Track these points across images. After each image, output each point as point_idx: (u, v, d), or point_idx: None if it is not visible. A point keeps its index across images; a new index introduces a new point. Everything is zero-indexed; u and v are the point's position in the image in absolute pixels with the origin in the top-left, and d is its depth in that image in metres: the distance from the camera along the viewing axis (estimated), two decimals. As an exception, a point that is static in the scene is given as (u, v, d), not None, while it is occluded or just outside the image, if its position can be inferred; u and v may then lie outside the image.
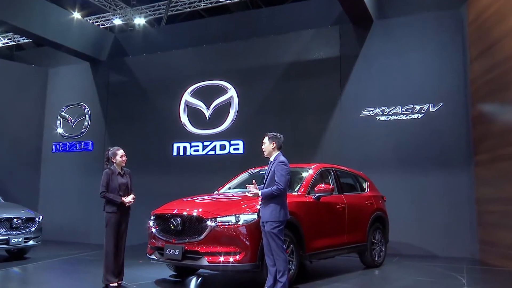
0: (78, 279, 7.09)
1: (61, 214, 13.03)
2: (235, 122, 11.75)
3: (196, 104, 12.24)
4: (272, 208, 5.43)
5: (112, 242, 5.99)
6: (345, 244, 7.23)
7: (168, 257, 6.01)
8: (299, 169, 7.32)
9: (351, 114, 10.60)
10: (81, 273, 7.56)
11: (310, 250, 6.42)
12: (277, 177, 5.44)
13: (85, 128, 13.51)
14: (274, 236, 5.38)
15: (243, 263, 5.65)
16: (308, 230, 6.34)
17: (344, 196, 7.45)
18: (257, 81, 11.71)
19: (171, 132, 12.39)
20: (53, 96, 14.17)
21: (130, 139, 12.46)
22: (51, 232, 11.78)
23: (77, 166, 13.41)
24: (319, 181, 7.10)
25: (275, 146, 5.70)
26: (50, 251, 9.98)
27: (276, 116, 11.25)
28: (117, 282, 6.01)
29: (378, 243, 8.05)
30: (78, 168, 13.38)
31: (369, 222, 7.83)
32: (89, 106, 13.57)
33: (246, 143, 11.49)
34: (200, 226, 5.84)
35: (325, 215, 6.88)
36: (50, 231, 11.50)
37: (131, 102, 13.06)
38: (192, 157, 12.10)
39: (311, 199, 6.63)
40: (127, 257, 6.38)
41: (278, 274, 5.39)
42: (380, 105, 10.35)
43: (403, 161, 10.01)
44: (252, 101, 11.69)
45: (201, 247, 5.77)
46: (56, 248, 10.75)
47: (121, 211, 6.08)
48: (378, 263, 7.99)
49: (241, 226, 5.71)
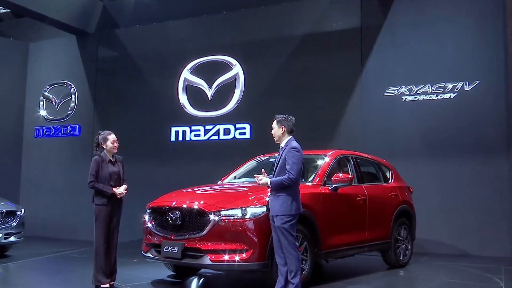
0: (65, 279, 7.16)
1: (45, 207, 13.15)
2: (241, 103, 11.74)
3: (196, 83, 12.23)
4: (283, 200, 5.43)
5: (102, 238, 6.03)
6: (365, 241, 7.24)
7: (165, 255, 6.05)
8: (313, 156, 7.31)
9: (373, 94, 10.55)
10: (68, 273, 7.64)
11: (326, 247, 6.43)
12: (288, 165, 5.44)
13: (71, 110, 13.56)
14: (285, 232, 5.39)
15: (250, 262, 5.67)
16: (323, 225, 6.35)
17: (365, 187, 7.45)
18: (266, 56, 11.66)
19: (168, 114, 12.40)
20: (34, 74, 14.21)
21: (122, 122, 12.49)
22: (34, 227, 11.90)
23: (63, 153, 13.49)
24: (337, 169, 7.08)
25: (285, 130, 5.68)
26: (33, 249, 10.09)
27: (287, 96, 11.22)
28: (108, 283, 6.05)
29: (403, 240, 8.06)
30: (64, 155, 13.46)
31: (393, 216, 7.82)
32: (76, 85, 13.59)
33: (253, 126, 11.49)
34: (202, 220, 5.86)
35: (343, 208, 6.89)
36: (33, 226, 11.62)
37: (123, 80, 13.06)
38: (192, 142, 12.12)
39: (327, 190, 6.63)
40: (120, 255, 6.44)
41: (289, 275, 5.41)
42: (407, 83, 10.28)
43: (432, 148, 9.97)
44: (261, 79, 11.65)
45: (203, 244, 5.80)
46: (40, 245, 10.87)
47: (112, 203, 6.11)
48: (403, 262, 8.01)
49: (248, 221, 5.73)
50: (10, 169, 13.69)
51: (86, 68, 13.52)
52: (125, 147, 6.46)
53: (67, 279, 7.17)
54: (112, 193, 6.06)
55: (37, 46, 14.28)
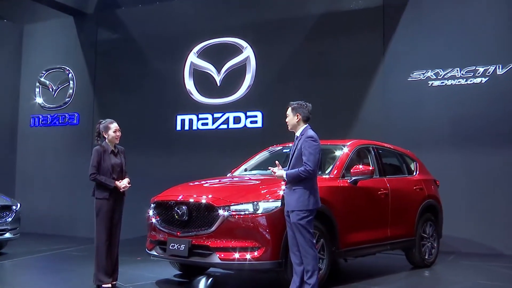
0: (64, 279, 7.22)
1: (42, 202, 13.26)
2: (252, 89, 11.72)
3: (204, 67, 12.22)
4: (299, 194, 5.42)
5: (104, 235, 6.07)
6: (388, 239, 7.23)
7: (171, 253, 6.08)
8: (331, 146, 7.29)
9: (396, 79, 10.49)
10: (67, 272, 7.70)
11: (345, 245, 6.43)
12: (304, 155, 5.42)
13: (69, 97, 13.63)
14: (301, 229, 5.39)
15: (263, 261, 5.68)
16: (342, 221, 6.34)
17: (387, 179, 7.42)
18: (279, 38, 11.61)
19: (173, 101, 12.42)
20: (30, 58, 14.27)
21: (124, 110, 12.54)
22: (30, 223, 11.98)
23: (61, 143, 13.58)
24: (356, 161, 7.07)
25: (300, 118, 5.66)
26: (30, 246, 10.19)
27: (302, 81, 11.18)
28: (110, 283, 6.10)
29: (429, 238, 8.04)
30: (61, 146, 13.55)
31: (418, 212, 7.81)
32: (74, 70, 13.64)
33: (265, 114, 11.47)
34: (210, 215, 5.88)
35: (364, 203, 6.88)
36: (29, 222, 11.70)
37: (124, 65, 13.08)
38: (199, 132, 12.14)
39: (346, 183, 6.62)
40: (123, 253, 6.48)
41: (305, 275, 5.42)
42: (434, 67, 10.20)
43: (461, 137, 9.91)
44: (273, 63, 11.62)
45: (212, 241, 5.82)
46: (37, 242, 10.98)
47: (114, 197, 6.14)
48: (429, 262, 7.99)
49: (260, 216, 5.74)
50: (4, 161, 13.79)
51: (85, 52, 13.55)
52: (127, 137, 6.49)
53: (66, 278, 7.23)
54: (114, 187, 6.10)
55: (32, 29, 14.34)
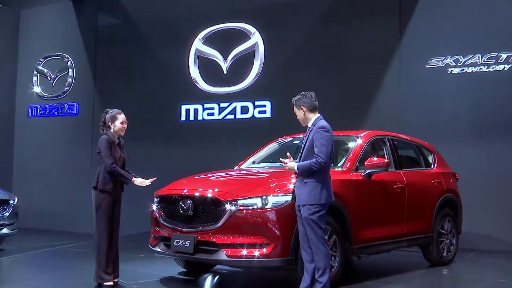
0: (63, 276, 7.28)
1: (40, 196, 13.35)
2: (261, 77, 11.71)
3: (210, 54, 12.22)
4: (311, 188, 5.42)
5: (106, 230, 6.11)
6: (403, 235, 7.23)
7: (176, 250, 6.11)
8: (344, 137, 7.29)
9: (414, 66, 10.45)
10: (67, 269, 7.77)
11: (358, 242, 6.44)
12: (316, 147, 5.42)
13: (68, 86, 13.67)
14: (313, 224, 5.40)
15: (272, 258, 5.70)
16: (356, 216, 6.35)
17: (403, 173, 7.43)
18: (289, 23, 11.58)
19: (178, 90, 12.44)
20: (27, 45, 14.31)
21: (126, 99, 12.53)
22: (28, 218, 12.07)
23: (60, 134, 13.64)
24: (371, 153, 7.08)
25: (305, 110, 5.65)
26: (28, 242, 10.26)
27: (314, 68, 11.16)
28: (112, 281, 6.16)
29: (447, 234, 8.03)
30: (61, 137, 13.60)
31: (436, 207, 7.80)
32: (73, 58, 13.67)
33: (274, 104, 11.47)
34: (217, 210, 5.91)
35: (378, 197, 6.88)
36: (27, 217, 11.80)
37: (126, 52, 13.11)
38: (205, 122, 12.16)
39: (359, 176, 6.63)
40: (125, 249, 6.54)
41: (317, 273, 5.43)
42: (453, 53, 10.15)
43: (482, 128, 9.87)
44: (283, 50, 11.59)
45: (218, 237, 5.84)
46: (36, 237, 11.06)
47: (115, 191, 6.21)
48: (447, 259, 7.99)
49: (269, 211, 5.75)
50: (1, 153, 13.87)
51: (85, 38, 13.57)
52: (129, 128, 6.49)
53: (66, 276, 7.29)
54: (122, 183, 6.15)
55: (29, 13, 14.37)
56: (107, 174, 6.12)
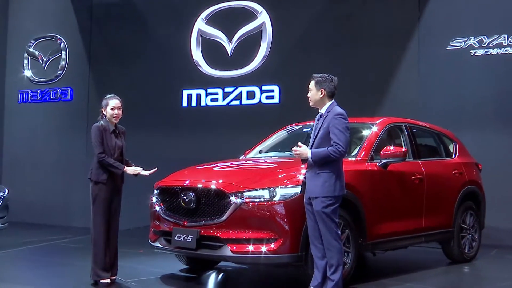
0: (57, 273, 7.31)
1: (32, 187, 13.40)
2: (268, 59, 11.70)
3: (213, 35, 12.20)
4: (324, 179, 5.41)
5: (102, 225, 6.13)
6: (422, 230, 7.23)
7: (177, 245, 6.13)
8: (358, 125, 7.28)
9: (434, 47, 10.42)
10: (61, 266, 7.80)
11: (373, 237, 6.44)
12: (334, 134, 5.39)
13: (61, 70, 13.68)
14: (325, 218, 5.39)
15: (280, 254, 5.71)
16: (370, 209, 6.35)
17: (421, 163, 7.41)
18: (299, 1, 11.57)
19: (179, 74, 12.44)
20: (16, 25, 14.30)
21: (123, 84, 12.55)
22: (20, 211, 12.12)
23: (53, 121, 13.66)
24: (387, 141, 7.05)
25: (324, 93, 5.64)
26: (19, 236, 10.29)
27: (325, 51, 11.15)
28: (110, 278, 6.18)
29: (469, 229, 8.03)
30: (54, 125, 13.63)
31: (457, 199, 7.79)
32: (66, 39, 13.67)
33: (283, 89, 11.46)
34: (221, 203, 5.91)
35: (395, 189, 6.88)
36: (19, 210, 11.84)
37: (123, 32, 13.09)
38: (208, 109, 12.17)
39: (375, 167, 6.62)
40: (123, 245, 6.54)
41: (329, 270, 5.44)
42: (477, 34, 10.11)
43: (507, 114, 9.86)
44: (292, 30, 11.57)
45: (223, 231, 5.85)
46: (28, 232, 11.10)
47: (113, 182, 6.21)
48: (469, 256, 7.98)
49: (277, 204, 5.75)
50: (-10, 142, 13.96)
51: (79, 18, 13.56)
52: (127, 115, 6.49)
53: (60, 273, 7.32)
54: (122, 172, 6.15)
55: (19, -8, 14.39)
56: (102, 165, 6.14)
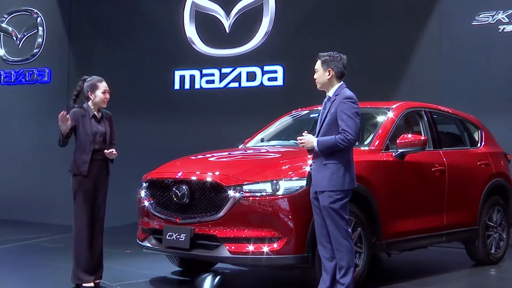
0: (35, 276, 7.31)
1: (7, 180, 13.46)
2: (271, 37, 11.69)
3: (209, 9, 12.19)
4: (331, 171, 5.39)
5: (85, 222, 6.12)
6: (443, 228, 7.24)
7: (169, 245, 6.13)
8: (372, 110, 7.30)
9: (457, 23, 10.40)
10: (38, 268, 7.80)
11: (389, 236, 6.45)
12: (342, 121, 5.35)
13: (38, 48, 13.67)
14: (334, 214, 5.38)
15: (284, 255, 5.71)
16: (385, 205, 6.35)
17: (443, 152, 7.41)
18: (305, -29, 11.54)
19: (171, 53, 12.43)
20: (-12, -2, 14.33)
21: (108, 64, 12.56)
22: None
23: (29, 105, 13.69)
24: (404, 129, 7.06)
25: (332, 74, 5.60)
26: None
27: (334, 27, 11.17)
28: (93, 281, 6.18)
29: (496, 227, 8.02)
30: (30, 109, 13.66)
31: (482, 194, 7.78)
32: (43, 13, 13.66)
33: (287, 69, 11.46)
34: (218, 198, 5.90)
35: (413, 182, 6.88)
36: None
37: (107, 6, 13.07)
38: (204, 91, 12.18)
39: (390, 157, 6.61)
40: (108, 244, 6.55)
41: (338, 272, 5.44)
42: (506, 7, 10.08)
43: (540, 98, 9.85)
44: (298, 3, 11.57)
45: (220, 229, 5.85)
46: (3, 230, 11.16)
47: (96, 174, 6.17)
48: (496, 257, 7.98)
49: (281, 198, 5.74)
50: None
51: (58, -11, 13.58)
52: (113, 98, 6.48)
53: (38, 275, 7.32)
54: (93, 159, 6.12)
55: (-9, -40, 14.36)
56: (81, 155, 6.13)
